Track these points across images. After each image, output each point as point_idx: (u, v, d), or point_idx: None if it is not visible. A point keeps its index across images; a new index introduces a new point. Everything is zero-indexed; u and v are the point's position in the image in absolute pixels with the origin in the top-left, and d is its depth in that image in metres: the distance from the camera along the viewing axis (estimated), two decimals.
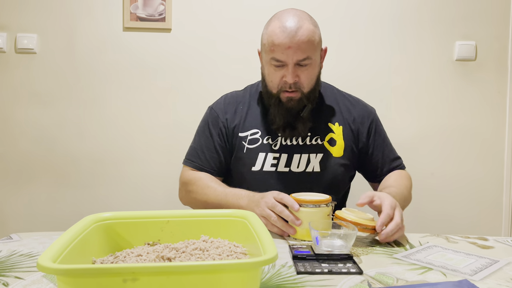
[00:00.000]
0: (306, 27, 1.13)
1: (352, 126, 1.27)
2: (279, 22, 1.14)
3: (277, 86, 1.18)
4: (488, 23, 1.95)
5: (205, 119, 1.30)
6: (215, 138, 1.26)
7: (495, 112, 1.99)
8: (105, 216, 0.80)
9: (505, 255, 0.91)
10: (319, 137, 1.24)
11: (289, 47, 1.12)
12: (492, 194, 2.00)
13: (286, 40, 1.12)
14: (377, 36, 1.94)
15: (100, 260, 0.73)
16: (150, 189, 1.93)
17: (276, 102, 1.19)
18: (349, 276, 0.79)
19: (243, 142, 1.23)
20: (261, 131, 1.24)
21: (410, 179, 1.30)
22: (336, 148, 1.24)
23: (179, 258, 0.72)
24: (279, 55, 1.14)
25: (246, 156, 1.23)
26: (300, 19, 1.14)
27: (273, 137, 1.23)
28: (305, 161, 1.21)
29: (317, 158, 1.22)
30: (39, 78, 1.89)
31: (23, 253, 0.90)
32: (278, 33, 1.13)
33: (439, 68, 1.96)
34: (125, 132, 1.92)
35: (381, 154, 1.30)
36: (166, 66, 1.91)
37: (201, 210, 0.88)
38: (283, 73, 1.16)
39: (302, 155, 1.22)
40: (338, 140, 1.25)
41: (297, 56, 1.13)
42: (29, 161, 1.91)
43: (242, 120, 1.26)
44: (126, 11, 1.87)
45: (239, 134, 1.24)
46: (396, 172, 1.30)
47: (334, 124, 1.26)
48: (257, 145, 1.23)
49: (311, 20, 1.17)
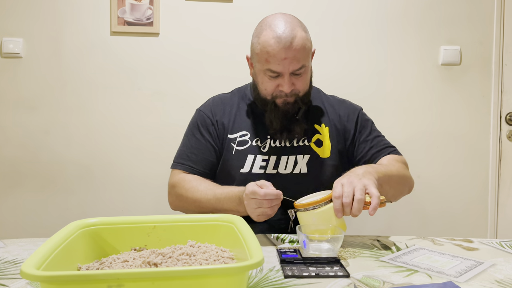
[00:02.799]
0: (299, 35, 1.12)
1: (338, 126, 1.27)
2: (272, 31, 1.12)
3: (272, 94, 1.18)
4: (473, 28, 1.98)
5: (194, 121, 1.29)
6: (206, 139, 1.25)
7: (480, 116, 2.02)
8: (91, 221, 0.79)
9: (490, 257, 0.92)
10: (306, 138, 1.24)
11: (285, 58, 1.11)
12: (478, 196, 2.03)
13: (281, 52, 1.11)
14: (362, 40, 1.96)
15: (86, 267, 0.73)
16: (137, 194, 1.92)
17: (272, 107, 1.19)
18: (336, 280, 0.79)
19: (232, 143, 1.23)
20: (250, 133, 1.24)
21: (404, 161, 1.26)
22: (323, 149, 1.24)
23: (165, 264, 0.71)
24: (275, 67, 1.13)
25: (235, 157, 1.22)
26: (292, 26, 1.13)
27: (262, 139, 1.23)
28: (292, 163, 1.21)
29: (304, 159, 1.22)
30: (25, 83, 1.87)
31: (8, 260, 0.88)
32: (273, 44, 1.11)
33: (424, 72, 1.99)
34: (112, 137, 1.91)
35: (368, 146, 1.26)
36: (154, 70, 1.91)
37: (188, 215, 0.88)
38: (278, 82, 1.16)
39: (289, 156, 1.22)
40: (325, 141, 1.24)
41: (292, 66, 1.13)
42: (14, 167, 1.88)
43: (231, 121, 1.25)
44: (113, 15, 1.86)
45: (228, 136, 1.24)
46: (386, 157, 1.25)
47: (320, 126, 1.26)
48: (246, 147, 1.22)
49: (301, 25, 1.16)
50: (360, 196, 0.93)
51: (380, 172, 1.06)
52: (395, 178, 1.14)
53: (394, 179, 1.13)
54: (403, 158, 1.27)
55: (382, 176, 1.06)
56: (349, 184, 0.96)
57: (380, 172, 1.07)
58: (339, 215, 0.94)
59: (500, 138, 2.02)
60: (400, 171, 1.18)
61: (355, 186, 0.95)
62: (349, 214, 0.94)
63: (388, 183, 1.09)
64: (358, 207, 0.93)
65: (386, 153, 1.26)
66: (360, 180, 0.97)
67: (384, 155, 1.25)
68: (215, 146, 1.25)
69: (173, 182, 1.23)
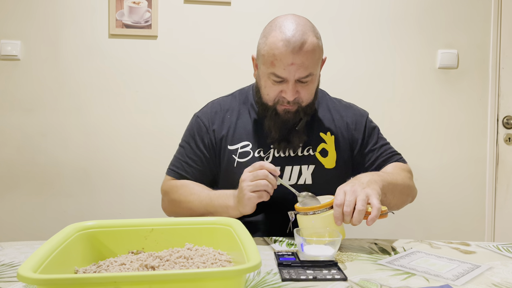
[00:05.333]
0: (310, 41, 1.05)
1: (345, 134, 1.22)
2: (281, 33, 1.05)
3: (274, 100, 1.12)
4: (470, 32, 1.99)
5: (191, 129, 1.25)
6: (201, 149, 1.20)
7: (477, 119, 2.03)
8: (88, 224, 0.79)
9: (487, 260, 0.92)
10: (311, 147, 1.19)
11: (292, 63, 1.04)
12: (475, 199, 2.04)
13: (288, 56, 1.03)
14: (360, 43, 1.97)
15: (83, 270, 0.72)
16: (134, 197, 1.92)
17: (272, 114, 1.14)
18: (333, 283, 0.79)
19: (233, 155, 1.17)
20: (252, 143, 1.18)
21: (409, 170, 1.23)
22: (328, 160, 1.19)
23: (163, 267, 0.71)
24: (280, 71, 1.06)
25: (237, 170, 1.15)
26: (304, 30, 1.05)
27: (265, 149, 1.18)
28: (296, 173, 1.17)
29: (309, 169, 1.18)
30: (23, 85, 1.87)
31: (5, 263, 0.88)
32: (281, 47, 1.04)
33: (422, 76, 2.00)
34: (109, 139, 1.91)
35: (375, 155, 1.24)
36: (152, 73, 1.91)
37: (185, 218, 0.88)
38: (282, 88, 1.09)
39: (293, 167, 1.17)
40: (330, 151, 1.20)
41: (299, 73, 1.06)
42: (11, 169, 1.88)
43: (231, 130, 1.20)
44: (112, 18, 1.87)
45: (228, 147, 1.18)
46: (391, 164, 1.23)
47: (326, 134, 1.21)
48: (249, 159, 1.17)
49: (314, 30, 1.08)
50: (361, 207, 0.92)
51: (385, 181, 1.05)
52: (400, 187, 1.12)
53: (398, 188, 1.11)
54: (408, 167, 1.25)
55: (387, 185, 1.04)
56: (352, 193, 0.94)
57: (385, 181, 1.05)
58: (338, 223, 0.93)
59: (497, 141, 2.03)
60: (405, 180, 1.16)
61: (358, 196, 0.94)
62: (349, 223, 0.94)
63: (392, 192, 1.07)
64: (359, 217, 0.92)
65: (393, 161, 1.24)
66: (363, 190, 0.95)
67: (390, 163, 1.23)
68: (209, 157, 1.20)
69: (165, 188, 1.21)
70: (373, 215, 0.92)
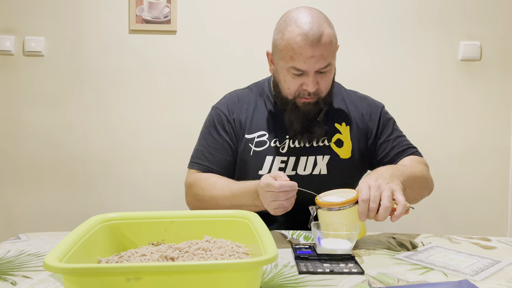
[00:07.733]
0: (327, 32, 1.08)
1: (360, 124, 1.23)
2: (298, 27, 1.07)
3: (294, 93, 1.14)
4: (493, 23, 1.94)
5: (210, 119, 1.26)
6: (223, 138, 1.22)
7: (500, 112, 1.98)
8: (111, 216, 0.82)
9: (507, 256, 0.91)
10: (326, 138, 1.20)
11: (312, 56, 1.07)
12: (497, 194, 2.00)
13: (308, 49, 1.06)
14: (381, 37, 1.94)
15: (105, 260, 0.75)
16: (155, 189, 1.95)
17: (293, 108, 1.15)
18: (350, 276, 0.79)
19: (249, 144, 1.20)
20: (268, 133, 1.20)
21: (425, 163, 1.23)
22: (343, 150, 1.20)
23: (182, 258, 0.73)
24: (301, 65, 1.08)
25: (253, 159, 1.19)
26: (319, 22, 1.08)
27: (281, 139, 1.19)
28: (311, 164, 1.19)
29: (324, 160, 1.19)
30: (47, 81, 1.92)
31: (31, 253, 0.91)
32: (299, 41, 1.06)
33: (444, 68, 1.96)
34: (130, 133, 1.94)
35: (390, 146, 1.24)
36: (171, 68, 1.93)
37: (204, 211, 0.89)
38: (302, 81, 1.11)
39: (309, 157, 1.18)
40: (346, 141, 1.21)
41: (319, 64, 1.09)
42: (36, 162, 1.94)
43: (248, 120, 1.22)
44: (132, 14, 1.89)
45: (245, 136, 1.21)
46: (408, 157, 1.22)
47: (341, 124, 1.22)
48: (264, 148, 1.19)
49: (327, 21, 1.11)
50: (387, 204, 0.91)
51: (405, 175, 1.04)
52: (418, 181, 1.12)
53: (417, 182, 1.11)
54: (424, 160, 1.24)
55: (407, 179, 1.04)
56: (377, 188, 0.94)
57: (405, 175, 1.05)
58: (363, 218, 0.93)
59: None
60: (423, 173, 1.16)
61: (383, 192, 0.93)
62: (372, 218, 0.94)
63: (411, 186, 1.07)
64: (384, 214, 0.92)
65: (408, 154, 1.23)
66: (388, 185, 0.95)
67: (405, 156, 1.22)
68: (232, 144, 1.22)
69: (190, 182, 1.22)
70: (398, 212, 0.92)
